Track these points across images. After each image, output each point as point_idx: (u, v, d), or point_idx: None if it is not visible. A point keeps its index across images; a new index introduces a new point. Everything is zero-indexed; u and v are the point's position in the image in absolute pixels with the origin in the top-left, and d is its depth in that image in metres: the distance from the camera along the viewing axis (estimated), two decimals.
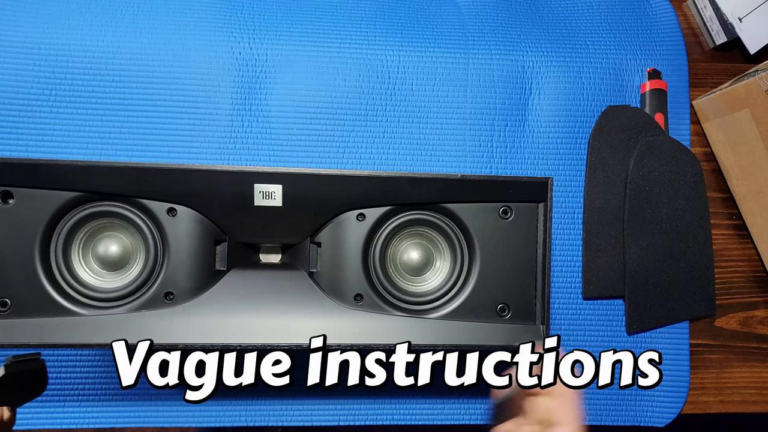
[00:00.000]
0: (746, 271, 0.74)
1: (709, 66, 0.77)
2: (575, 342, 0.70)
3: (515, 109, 0.72)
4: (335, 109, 0.69)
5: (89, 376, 0.65)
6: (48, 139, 0.66)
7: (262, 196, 0.55)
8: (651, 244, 0.70)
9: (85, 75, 0.66)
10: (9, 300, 0.54)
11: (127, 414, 0.65)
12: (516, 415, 0.54)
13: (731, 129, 0.70)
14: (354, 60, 0.70)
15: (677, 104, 0.74)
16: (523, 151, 0.71)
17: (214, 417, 0.66)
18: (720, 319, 0.73)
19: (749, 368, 0.73)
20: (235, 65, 0.68)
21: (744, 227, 0.73)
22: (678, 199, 0.71)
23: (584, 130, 0.72)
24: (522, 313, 0.59)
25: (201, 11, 0.69)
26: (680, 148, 0.71)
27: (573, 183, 0.72)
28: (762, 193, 0.69)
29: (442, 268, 0.61)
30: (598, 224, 0.71)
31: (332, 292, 0.58)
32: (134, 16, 0.68)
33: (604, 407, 0.70)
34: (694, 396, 0.72)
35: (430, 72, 0.71)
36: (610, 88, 0.73)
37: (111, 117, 0.67)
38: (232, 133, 0.68)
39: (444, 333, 0.58)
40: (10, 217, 0.54)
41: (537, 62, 0.72)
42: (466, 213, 0.59)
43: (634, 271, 0.70)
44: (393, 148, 0.70)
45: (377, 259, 0.59)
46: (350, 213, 0.58)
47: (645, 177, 0.70)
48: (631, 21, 0.75)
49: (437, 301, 0.60)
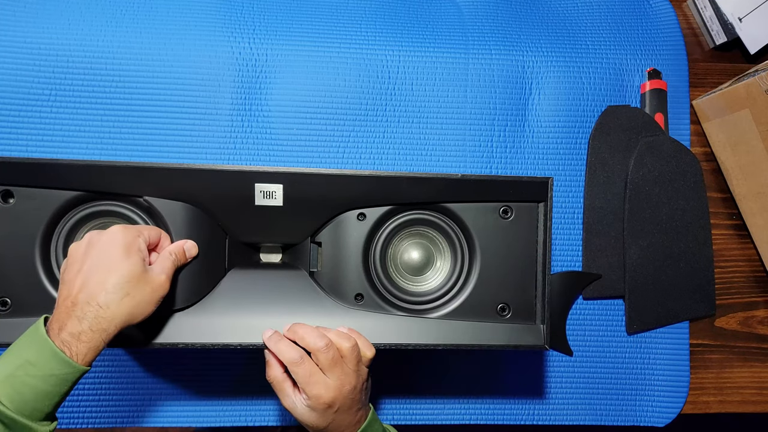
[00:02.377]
0: (746, 271, 0.74)
1: (709, 66, 0.77)
2: (575, 342, 0.70)
3: (515, 109, 0.72)
4: (335, 109, 0.69)
5: (89, 375, 0.65)
6: (48, 139, 0.66)
7: (262, 195, 0.55)
8: (651, 244, 0.70)
9: (85, 75, 0.66)
10: (9, 299, 0.54)
11: (127, 414, 0.65)
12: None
13: (731, 129, 0.70)
14: (354, 60, 0.70)
15: (677, 104, 0.74)
16: (523, 151, 0.71)
17: (214, 417, 0.66)
18: (720, 319, 0.73)
19: (749, 368, 0.73)
20: (235, 65, 0.68)
21: (744, 227, 0.74)
22: (678, 199, 0.71)
23: (584, 130, 0.72)
24: (522, 312, 0.59)
25: (201, 11, 0.69)
26: (680, 148, 0.71)
27: (573, 183, 0.72)
28: (762, 193, 0.69)
29: (442, 267, 0.61)
30: (598, 224, 0.71)
31: (333, 291, 0.58)
32: (134, 16, 0.68)
33: (604, 407, 0.70)
34: (694, 396, 0.72)
35: (430, 72, 0.71)
36: (610, 88, 0.73)
37: (111, 117, 0.67)
38: (232, 133, 0.68)
39: (444, 333, 0.58)
40: (10, 216, 0.53)
41: (537, 62, 0.72)
42: (467, 213, 0.59)
43: (634, 271, 0.70)
44: (393, 148, 0.70)
45: (378, 258, 0.59)
46: (351, 213, 0.58)
47: (645, 177, 0.70)
48: (631, 21, 0.75)
49: (437, 300, 0.60)
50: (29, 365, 0.43)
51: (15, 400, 0.42)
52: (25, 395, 0.43)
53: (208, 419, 0.66)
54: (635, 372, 0.71)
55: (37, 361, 0.43)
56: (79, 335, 0.44)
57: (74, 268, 0.48)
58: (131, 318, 0.47)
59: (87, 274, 0.47)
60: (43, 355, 0.43)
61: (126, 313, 0.47)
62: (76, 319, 0.45)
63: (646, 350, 0.71)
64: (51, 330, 0.45)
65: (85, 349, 0.45)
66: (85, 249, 0.49)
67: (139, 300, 0.48)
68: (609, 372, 0.71)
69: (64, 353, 0.44)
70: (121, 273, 0.47)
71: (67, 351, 0.44)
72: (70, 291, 0.47)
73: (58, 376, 0.44)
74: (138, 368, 0.66)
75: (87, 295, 0.46)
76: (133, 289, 0.47)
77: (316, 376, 0.50)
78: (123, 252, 0.48)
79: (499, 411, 0.69)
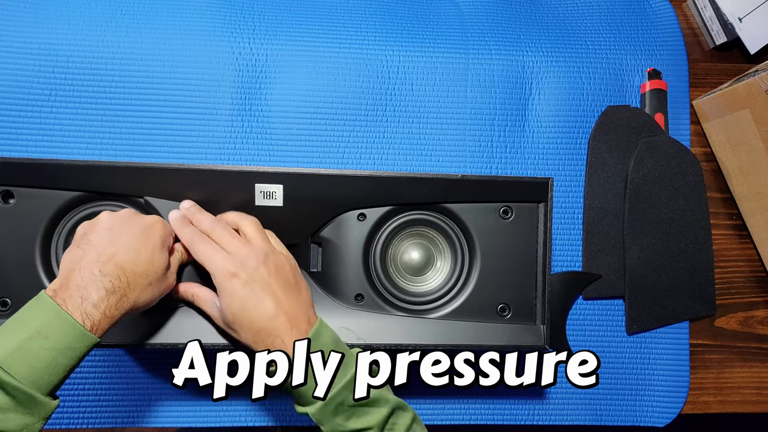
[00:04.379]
0: (746, 271, 0.74)
1: (709, 66, 0.77)
2: (576, 342, 0.70)
3: (515, 109, 0.72)
4: (335, 109, 0.69)
5: (89, 376, 0.65)
6: (48, 139, 0.66)
7: (262, 196, 0.55)
8: (651, 244, 0.70)
9: (85, 75, 0.66)
10: (9, 300, 0.54)
11: (127, 414, 0.65)
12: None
13: (731, 129, 0.70)
14: (354, 60, 0.70)
15: (677, 104, 0.74)
16: (523, 151, 0.71)
17: (215, 417, 0.66)
18: (720, 319, 0.73)
19: (749, 368, 0.73)
20: (235, 65, 0.68)
21: (744, 227, 0.74)
22: (678, 199, 0.71)
23: (584, 130, 0.72)
24: (522, 313, 0.59)
25: (201, 11, 0.69)
26: (680, 148, 0.71)
27: (573, 183, 0.72)
28: (762, 193, 0.69)
29: (442, 268, 0.61)
30: (598, 224, 0.71)
31: (333, 291, 0.58)
32: (134, 16, 0.68)
33: (604, 407, 0.71)
34: (694, 396, 0.72)
35: (430, 72, 0.71)
36: (610, 88, 0.73)
37: (111, 117, 0.66)
38: (232, 133, 0.68)
39: (444, 333, 0.58)
40: (10, 217, 0.54)
41: (537, 62, 0.72)
42: (467, 213, 0.59)
43: (634, 271, 0.70)
44: (393, 148, 0.70)
45: (378, 259, 0.59)
46: (351, 213, 0.58)
47: (645, 177, 0.70)
48: (631, 21, 0.75)
49: (438, 301, 0.60)
50: (41, 337, 0.41)
51: (28, 374, 0.40)
52: (38, 369, 0.41)
53: (208, 419, 0.66)
54: (635, 372, 0.71)
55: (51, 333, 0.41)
56: (105, 310, 0.43)
57: (106, 234, 0.47)
58: (141, 307, 0.47)
59: (120, 248, 0.46)
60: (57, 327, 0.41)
61: (142, 301, 0.47)
62: (105, 291, 0.43)
63: (646, 350, 0.71)
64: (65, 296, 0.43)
65: (106, 325, 0.44)
66: (121, 222, 0.48)
67: (154, 293, 0.48)
68: (609, 372, 0.71)
69: (85, 326, 0.42)
70: (154, 263, 0.47)
71: (89, 323, 0.42)
72: (100, 255, 0.45)
73: (75, 349, 0.42)
74: (138, 368, 0.66)
75: (118, 268, 0.45)
76: (155, 281, 0.48)
77: (213, 247, 0.51)
78: (160, 243, 0.49)
79: (499, 411, 0.69)
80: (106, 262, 0.45)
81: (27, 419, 0.41)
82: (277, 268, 0.51)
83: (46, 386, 0.41)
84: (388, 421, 0.49)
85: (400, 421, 0.49)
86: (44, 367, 0.41)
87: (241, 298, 0.48)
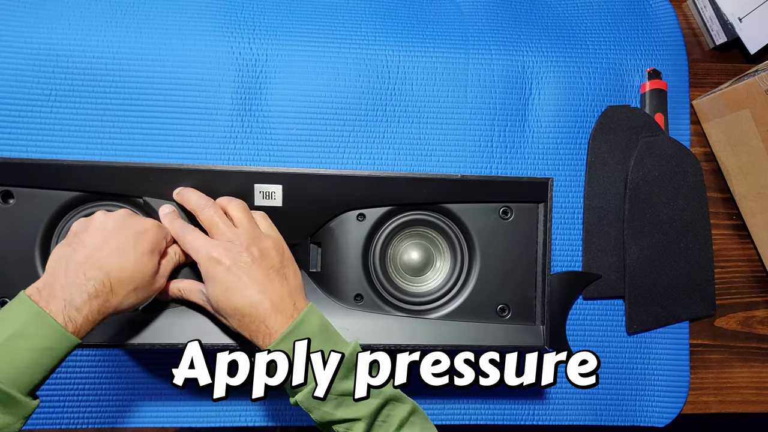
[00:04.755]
0: (746, 271, 0.74)
1: (709, 66, 0.77)
2: (576, 342, 0.70)
3: (515, 109, 0.72)
4: (335, 109, 0.69)
5: (89, 376, 0.65)
6: (48, 139, 0.66)
7: (262, 196, 0.55)
8: (651, 244, 0.70)
9: (85, 75, 0.66)
10: (9, 300, 0.54)
11: (127, 414, 0.66)
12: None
13: (731, 129, 0.70)
14: (354, 60, 0.70)
15: (677, 104, 0.74)
16: (523, 151, 0.71)
17: (215, 417, 0.66)
18: (720, 319, 0.73)
19: (749, 368, 0.73)
20: (235, 65, 0.68)
21: (744, 227, 0.73)
22: (678, 199, 0.71)
23: (584, 130, 0.72)
24: (522, 313, 0.59)
25: (201, 11, 0.69)
26: (680, 148, 0.71)
27: (573, 183, 0.72)
28: (762, 193, 0.69)
29: (442, 268, 0.61)
30: (598, 224, 0.71)
31: (332, 292, 0.58)
32: (134, 16, 0.68)
33: (604, 407, 0.71)
34: (694, 396, 0.72)
35: (430, 72, 0.71)
36: (610, 88, 0.73)
37: (111, 117, 0.66)
38: (232, 133, 0.68)
39: (444, 333, 0.58)
40: (10, 217, 0.54)
41: (537, 62, 0.72)
42: (466, 213, 0.59)
43: (634, 271, 0.70)
44: (393, 148, 0.70)
45: (377, 259, 0.59)
46: (350, 213, 0.58)
47: (645, 177, 0.70)
48: (631, 21, 0.75)
49: (437, 301, 0.60)
50: (22, 337, 0.41)
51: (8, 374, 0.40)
52: (19, 368, 0.41)
53: (208, 419, 0.66)
54: (635, 372, 0.71)
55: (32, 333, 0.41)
56: (87, 314, 0.44)
57: (98, 235, 0.47)
58: (123, 310, 0.47)
59: (109, 251, 0.46)
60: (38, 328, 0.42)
61: (125, 306, 0.47)
62: (87, 295, 0.44)
63: (646, 350, 0.71)
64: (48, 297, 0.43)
65: (88, 327, 0.44)
66: (114, 224, 0.48)
67: (139, 297, 0.48)
68: (609, 372, 0.71)
69: (67, 329, 0.42)
70: (141, 268, 0.47)
71: (71, 326, 0.43)
72: (88, 257, 0.45)
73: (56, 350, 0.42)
74: (138, 368, 0.66)
75: (103, 273, 0.45)
76: (141, 287, 0.48)
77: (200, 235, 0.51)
78: (150, 248, 0.48)
79: (499, 411, 0.69)
80: (93, 266, 0.45)
81: (6, 419, 0.41)
82: (261, 252, 0.50)
83: (26, 386, 0.41)
84: (380, 412, 0.48)
85: (394, 412, 0.49)
86: (25, 367, 0.41)
87: (224, 284, 0.48)
